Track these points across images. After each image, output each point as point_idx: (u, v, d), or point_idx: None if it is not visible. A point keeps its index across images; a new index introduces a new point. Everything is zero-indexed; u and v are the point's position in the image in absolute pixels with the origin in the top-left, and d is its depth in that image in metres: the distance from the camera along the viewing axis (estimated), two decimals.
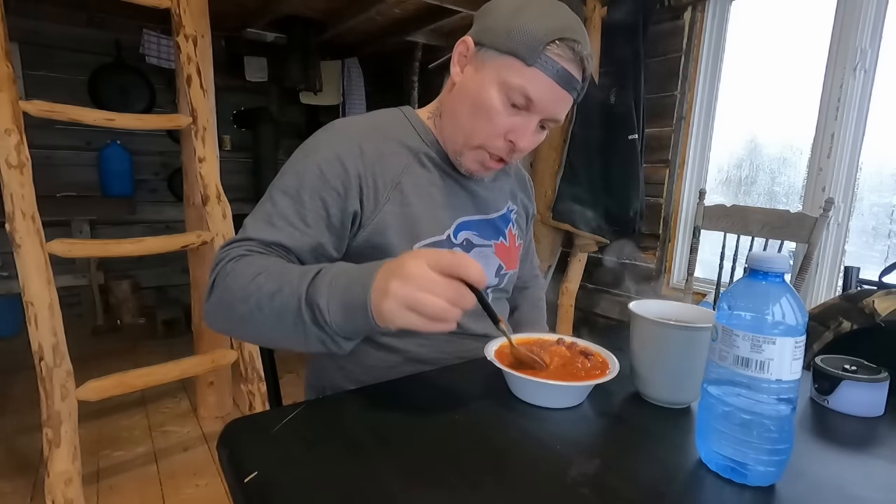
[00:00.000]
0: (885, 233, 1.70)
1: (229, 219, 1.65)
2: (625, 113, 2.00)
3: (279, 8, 2.64)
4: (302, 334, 0.56)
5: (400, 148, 0.75)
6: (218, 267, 0.63)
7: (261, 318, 0.58)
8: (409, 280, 0.49)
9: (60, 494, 1.28)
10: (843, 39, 1.64)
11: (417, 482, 0.45)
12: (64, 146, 3.02)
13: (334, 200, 0.69)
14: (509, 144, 0.72)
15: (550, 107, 0.69)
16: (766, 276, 0.46)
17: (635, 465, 0.49)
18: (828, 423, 0.61)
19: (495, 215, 0.84)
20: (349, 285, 0.53)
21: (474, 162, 0.75)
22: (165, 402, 2.19)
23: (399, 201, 0.73)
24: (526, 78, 0.67)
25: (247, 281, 0.59)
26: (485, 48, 0.69)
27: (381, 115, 0.79)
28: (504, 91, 0.68)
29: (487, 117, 0.70)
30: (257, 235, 0.66)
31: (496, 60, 0.68)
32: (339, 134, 0.72)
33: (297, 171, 0.70)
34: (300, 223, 0.67)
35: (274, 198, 0.69)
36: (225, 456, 0.51)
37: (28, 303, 1.26)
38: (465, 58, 0.72)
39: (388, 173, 0.72)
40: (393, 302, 0.49)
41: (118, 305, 3.12)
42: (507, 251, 0.86)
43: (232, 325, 0.63)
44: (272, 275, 0.58)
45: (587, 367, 0.64)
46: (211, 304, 0.63)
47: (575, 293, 2.28)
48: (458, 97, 0.73)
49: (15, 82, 1.33)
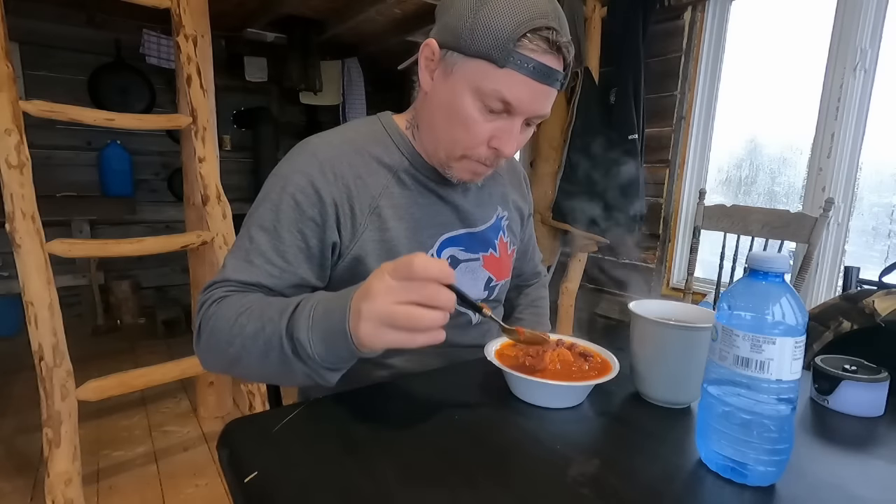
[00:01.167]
0: (885, 233, 1.70)
1: (229, 219, 1.65)
2: (625, 113, 2.00)
3: (279, 8, 2.64)
4: (289, 371, 0.55)
5: (378, 167, 0.72)
6: (201, 311, 0.63)
7: (248, 360, 0.57)
8: (375, 296, 0.47)
9: (60, 494, 1.28)
10: (843, 39, 1.64)
11: (417, 482, 0.45)
12: (64, 146, 3.02)
13: (313, 231, 0.67)
14: (493, 151, 0.67)
15: (531, 105, 0.64)
16: (766, 276, 0.46)
17: (635, 465, 0.49)
18: (828, 423, 0.61)
19: (483, 227, 0.81)
20: (326, 314, 0.52)
21: (464, 171, 0.71)
22: (165, 402, 2.19)
23: (377, 227, 0.70)
24: (500, 81, 0.61)
25: (229, 324, 0.58)
26: (450, 52, 0.64)
27: (358, 129, 0.75)
28: (479, 97, 0.63)
29: (465, 127, 0.65)
30: (236, 276, 0.64)
31: (464, 65, 0.62)
32: (313, 159, 0.68)
33: (273, 203, 0.67)
34: (279, 260, 0.66)
35: (251, 234, 0.66)
36: (225, 456, 0.51)
37: (28, 303, 1.26)
38: (432, 62, 0.67)
39: (364, 197, 0.69)
40: (367, 324, 0.47)
41: (118, 305, 3.12)
42: (498, 262, 0.83)
43: (225, 367, 0.62)
44: (253, 314, 0.57)
45: (587, 367, 0.64)
46: (200, 348, 0.63)
47: (575, 293, 2.28)
48: (432, 107, 0.69)
49: (15, 82, 1.33)
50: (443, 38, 0.65)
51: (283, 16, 2.80)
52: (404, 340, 0.47)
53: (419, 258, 0.46)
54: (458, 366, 0.74)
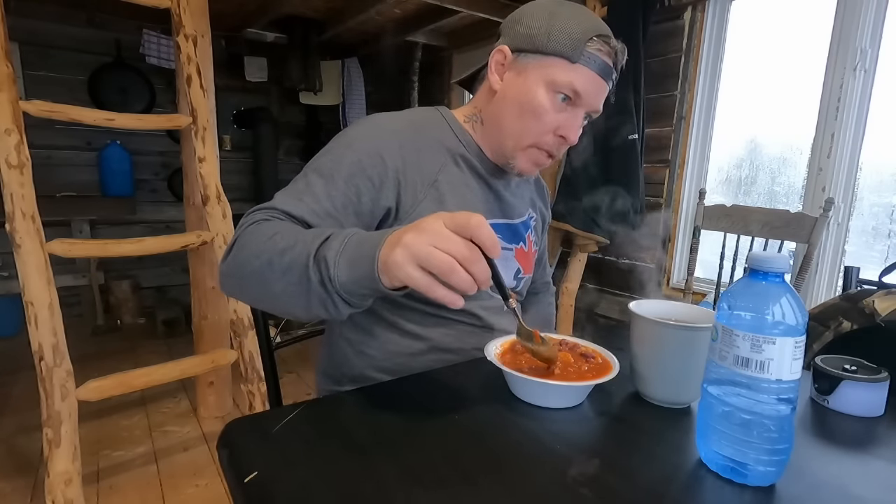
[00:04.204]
0: (885, 233, 1.70)
1: (229, 219, 1.65)
2: (625, 113, 2.00)
3: (279, 8, 2.64)
4: (305, 293, 0.55)
5: (437, 146, 0.77)
6: (240, 229, 0.63)
7: (269, 274, 0.57)
8: (423, 233, 0.47)
9: (60, 494, 1.28)
10: (843, 39, 1.64)
11: (417, 482, 0.45)
12: (64, 146, 3.02)
13: (367, 190, 0.69)
14: (559, 139, 0.75)
15: (594, 98, 0.74)
16: (766, 276, 0.46)
17: (635, 465, 0.49)
18: (828, 423, 0.61)
19: (518, 221, 0.86)
20: (361, 243, 0.53)
21: (527, 162, 0.78)
22: (165, 402, 2.19)
23: (436, 199, 0.74)
24: (572, 74, 0.71)
25: (263, 239, 0.59)
26: (525, 53, 0.74)
27: (419, 113, 0.81)
28: (552, 89, 0.72)
29: (536, 116, 0.73)
30: (283, 207, 0.65)
31: (540, 62, 0.72)
32: (380, 128, 0.74)
33: (336, 156, 0.70)
34: (328, 204, 0.67)
35: (308, 176, 0.69)
36: (225, 456, 0.51)
37: (28, 303, 1.26)
38: (502, 66, 0.76)
39: (425, 170, 0.74)
40: (402, 252, 0.47)
41: (118, 305, 3.12)
42: (526, 256, 0.88)
43: (241, 284, 0.62)
44: (288, 234, 0.58)
45: (587, 367, 0.64)
46: (227, 263, 0.63)
47: (575, 293, 2.28)
48: (502, 103, 0.76)
49: (15, 82, 1.33)
50: (516, 44, 0.75)
51: (283, 16, 2.80)
52: (425, 285, 0.47)
53: (478, 217, 0.48)
54: (458, 366, 0.74)
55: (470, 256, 0.47)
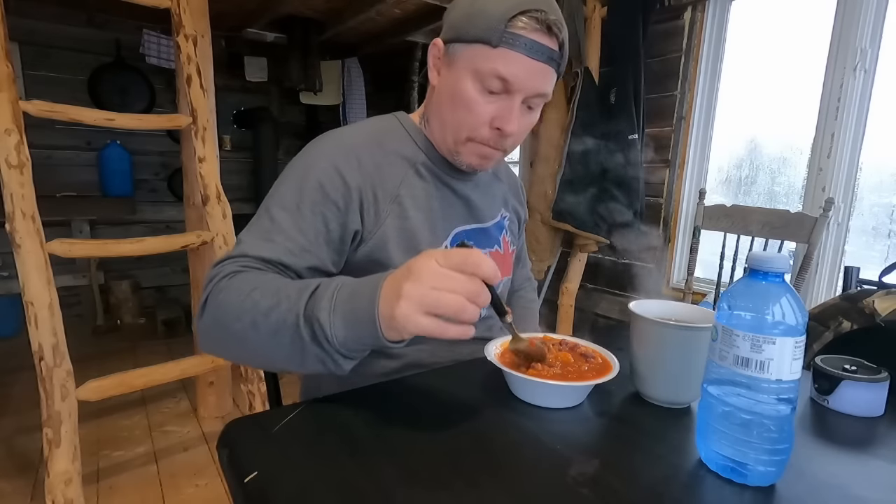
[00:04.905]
0: (885, 233, 1.70)
1: (229, 219, 1.65)
2: (625, 113, 2.00)
3: (279, 8, 2.64)
4: (299, 353, 0.53)
5: (397, 159, 0.74)
6: (211, 284, 0.60)
7: (256, 338, 0.55)
8: (422, 278, 0.46)
9: (60, 494, 1.28)
10: (843, 39, 1.64)
11: (417, 482, 0.45)
12: (64, 146, 3.02)
13: (334, 215, 0.67)
14: (496, 132, 0.70)
15: (528, 83, 0.67)
16: (766, 276, 0.46)
17: (635, 465, 0.49)
18: (828, 423, 0.61)
19: (490, 223, 0.84)
20: (352, 297, 0.51)
21: (472, 156, 0.73)
22: (165, 402, 2.19)
23: (398, 214, 0.72)
24: (495, 59, 0.65)
25: (241, 297, 0.56)
26: (452, 44, 0.69)
27: (376, 123, 0.78)
28: (477, 78, 0.67)
29: (467, 108, 0.69)
30: (253, 252, 0.63)
31: (464, 52, 0.68)
32: (337, 145, 0.71)
33: (296, 184, 0.67)
34: (301, 238, 0.65)
35: (271, 212, 0.66)
36: (225, 456, 0.51)
37: (28, 303, 1.26)
38: (439, 60, 0.72)
39: (387, 186, 0.71)
40: (407, 304, 0.46)
41: (118, 305, 3.12)
42: (502, 258, 0.85)
43: (226, 346, 0.60)
44: (268, 290, 0.55)
45: (587, 367, 0.64)
46: (203, 322, 0.59)
47: (575, 293, 2.28)
48: (439, 99, 0.73)
49: (15, 82, 1.33)
50: (446, 35, 0.70)
51: (283, 16, 2.80)
52: (438, 330, 0.46)
53: (476, 253, 0.47)
54: (458, 366, 0.74)
55: (476, 290, 0.46)
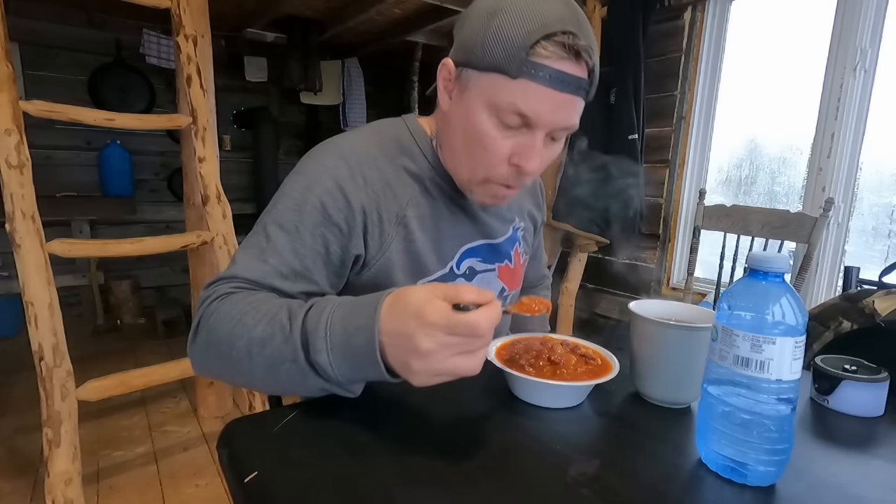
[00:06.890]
0: (885, 233, 1.70)
1: (229, 219, 1.65)
2: (625, 113, 2.00)
3: (279, 8, 2.64)
4: (300, 383, 0.52)
5: (405, 175, 0.70)
6: (202, 307, 0.58)
7: (250, 365, 0.53)
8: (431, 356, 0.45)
9: (60, 494, 1.28)
10: (843, 39, 1.64)
11: (417, 482, 0.45)
12: (64, 146, 3.02)
13: (336, 237, 0.63)
14: (515, 168, 0.63)
15: (552, 117, 0.59)
16: (766, 276, 0.46)
17: (635, 465, 0.49)
18: (828, 423, 0.61)
19: (501, 239, 0.80)
20: (349, 338, 0.49)
21: (486, 196, 0.68)
22: (165, 402, 2.19)
23: (404, 237, 0.69)
24: (514, 93, 0.57)
25: (233, 322, 0.54)
26: (465, 69, 0.61)
27: (384, 133, 0.71)
28: (494, 113, 0.60)
29: (483, 147, 0.62)
30: (246, 274, 0.60)
31: (479, 80, 0.60)
32: (342, 160, 0.65)
33: (296, 202, 0.63)
34: (296, 263, 0.62)
35: (268, 230, 0.62)
36: (225, 456, 0.51)
37: (28, 303, 1.26)
38: (449, 82, 0.65)
39: (392, 206, 0.67)
40: (421, 377, 0.46)
41: (118, 305, 3.12)
42: (512, 272, 0.83)
43: (221, 371, 0.59)
44: (260, 314, 0.54)
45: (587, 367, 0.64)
46: (196, 346, 0.58)
47: (575, 293, 2.28)
48: (451, 129, 0.67)
49: (15, 82, 1.33)
50: (457, 57, 0.63)
51: (283, 16, 2.80)
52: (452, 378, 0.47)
53: (482, 317, 0.45)
54: None
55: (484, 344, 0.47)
